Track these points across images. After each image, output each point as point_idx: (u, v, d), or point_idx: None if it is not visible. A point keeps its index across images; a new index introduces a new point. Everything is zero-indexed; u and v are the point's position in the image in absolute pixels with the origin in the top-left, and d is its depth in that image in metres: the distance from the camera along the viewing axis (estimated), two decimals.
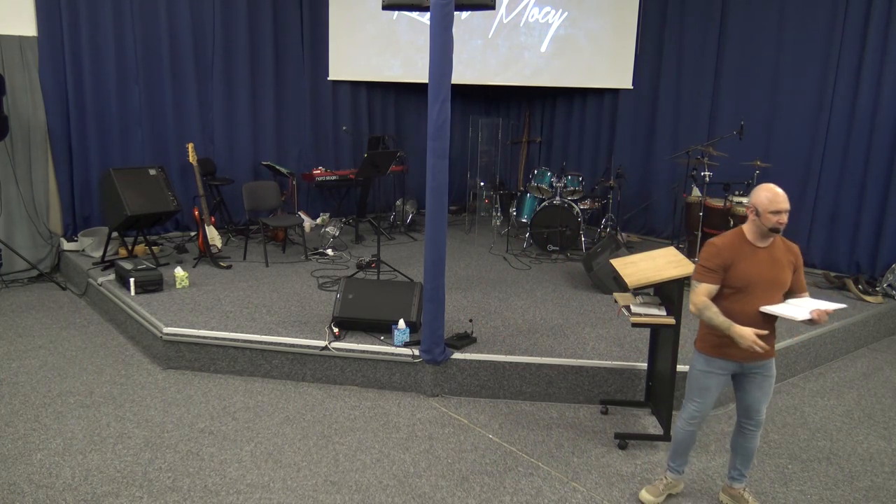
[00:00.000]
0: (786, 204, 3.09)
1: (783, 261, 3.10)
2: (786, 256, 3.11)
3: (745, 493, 3.34)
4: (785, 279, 3.10)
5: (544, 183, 7.38)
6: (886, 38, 6.21)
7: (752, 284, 3.06)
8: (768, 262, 3.08)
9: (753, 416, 3.20)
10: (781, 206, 3.06)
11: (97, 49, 6.81)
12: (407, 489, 3.41)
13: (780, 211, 3.06)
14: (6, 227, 6.52)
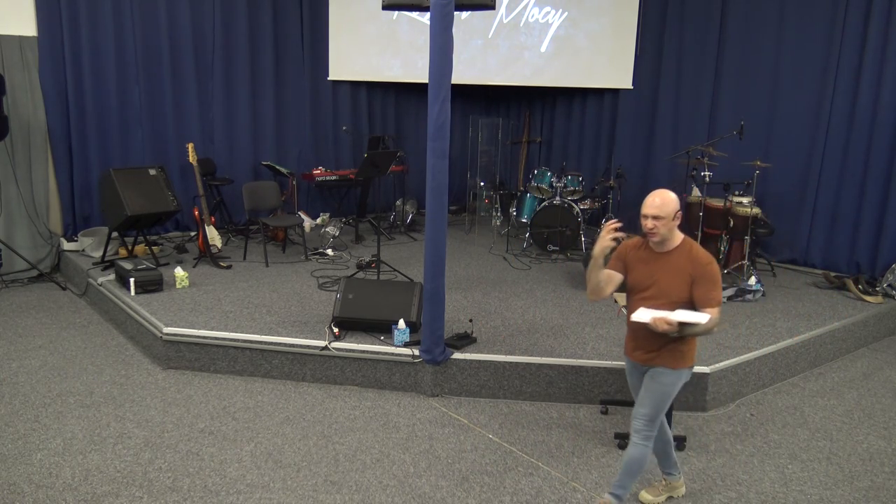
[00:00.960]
0: (651, 209, 2.92)
1: (681, 270, 2.94)
2: (686, 267, 2.94)
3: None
4: (675, 289, 2.95)
5: (544, 183, 7.38)
6: (886, 38, 6.21)
7: (640, 288, 3.05)
8: (661, 269, 2.99)
9: (633, 419, 3.09)
10: (645, 210, 2.95)
11: (97, 49, 6.81)
12: (407, 489, 3.41)
13: (645, 216, 2.95)
14: (6, 227, 6.52)
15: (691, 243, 3.00)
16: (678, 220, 2.96)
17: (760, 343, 4.77)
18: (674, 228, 2.97)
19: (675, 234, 2.99)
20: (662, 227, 2.92)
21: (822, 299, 5.92)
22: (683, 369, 3.05)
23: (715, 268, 2.92)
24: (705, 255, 2.95)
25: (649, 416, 3.04)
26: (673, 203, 2.93)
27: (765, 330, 5.05)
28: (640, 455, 3.04)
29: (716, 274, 2.91)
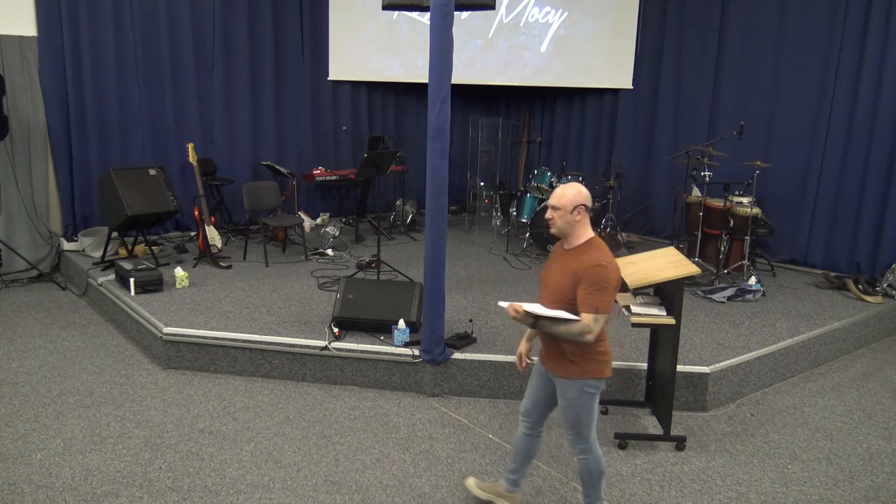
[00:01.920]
0: (552, 199, 2.86)
1: (569, 269, 2.83)
2: (574, 265, 2.81)
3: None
4: (559, 287, 2.85)
5: (544, 183, 7.38)
6: (886, 38, 6.21)
7: (540, 284, 3.03)
8: (558, 267, 2.91)
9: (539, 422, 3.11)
10: (549, 201, 2.89)
11: (97, 49, 6.81)
12: (407, 489, 3.41)
13: (548, 206, 2.90)
14: (6, 227, 6.52)
15: (594, 244, 2.84)
16: (580, 215, 2.83)
17: (760, 343, 4.77)
18: (574, 224, 2.84)
19: (578, 232, 2.85)
20: (559, 218, 2.84)
21: (822, 299, 5.92)
22: (582, 379, 2.88)
23: (602, 272, 2.72)
24: (599, 257, 2.77)
25: (573, 436, 2.99)
26: (572, 196, 2.82)
27: (765, 330, 5.05)
28: (585, 468, 3.01)
29: (600, 278, 2.72)
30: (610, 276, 2.74)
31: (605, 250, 2.83)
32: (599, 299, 2.72)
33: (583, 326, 2.73)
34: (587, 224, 2.87)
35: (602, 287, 2.72)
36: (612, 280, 2.75)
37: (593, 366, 2.88)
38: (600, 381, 2.92)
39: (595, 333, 2.74)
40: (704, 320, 5.24)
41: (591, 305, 2.72)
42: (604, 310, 2.73)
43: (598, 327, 2.75)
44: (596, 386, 2.91)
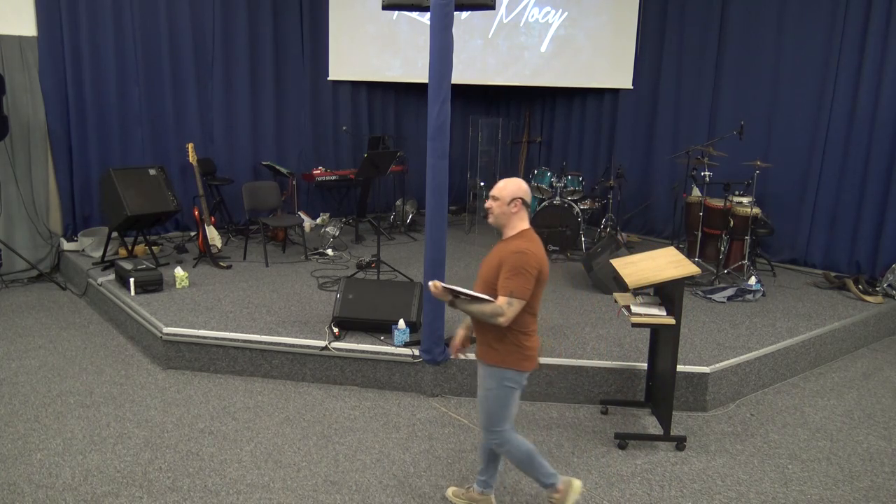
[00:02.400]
0: (493, 190, 2.97)
1: (496, 256, 2.91)
2: (501, 253, 2.89)
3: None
4: (487, 273, 2.92)
5: (544, 183, 7.38)
6: (886, 38, 6.21)
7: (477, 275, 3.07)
8: (492, 255, 2.97)
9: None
10: (490, 192, 2.98)
11: (97, 49, 6.81)
12: (407, 489, 3.41)
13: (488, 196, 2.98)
14: (6, 227, 6.52)
15: (524, 235, 2.90)
16: (516, 208, 2.91)
17: (760, 343, 4.77)
18: (510, 216, 2.92)
19: (513, 223, 2.93)
20: (496, 208, 2.92)
21: (822, 299, 5.92)
22: (505, 370, 2.90)
23: (522, 258, 2.78)
24: (523, 245, 2.83)
25: (485, 425, 3.01)
26: (511, 189, 2.91)
27: (765, 330, 5.05)
28: (512, 458, 3.05)
29: (518, 264, 2.78)
30: (529, 263, 2.78)
31: (533, 241, 2.88)
32: (515, 284, 2.77)
33: (495, 308, 2.78)
34: (523, 217, 2.95)
35: (519, 272, 2.77)
36: (530, 266, 2.79)
37: (514, 357, 2.91)
38: (521, 374, 2.94)
39: (508, 317, 2.78)
40: (704, 320, 5.24)
41: (507, 289, 2.78)
42: (519, 294, 2.78)
43: (512, 312, 2.78)
44: (515, 380, 2.94)
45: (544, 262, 2.86)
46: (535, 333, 2.98)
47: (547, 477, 3.08)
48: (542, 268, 2.84)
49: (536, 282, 2.84)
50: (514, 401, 2.99)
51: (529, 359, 2.94)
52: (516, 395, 2.98)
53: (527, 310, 2.86)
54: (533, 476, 3.10)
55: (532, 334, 2.94)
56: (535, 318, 2.96)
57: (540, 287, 2.88)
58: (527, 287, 2.79)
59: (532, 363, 2.96)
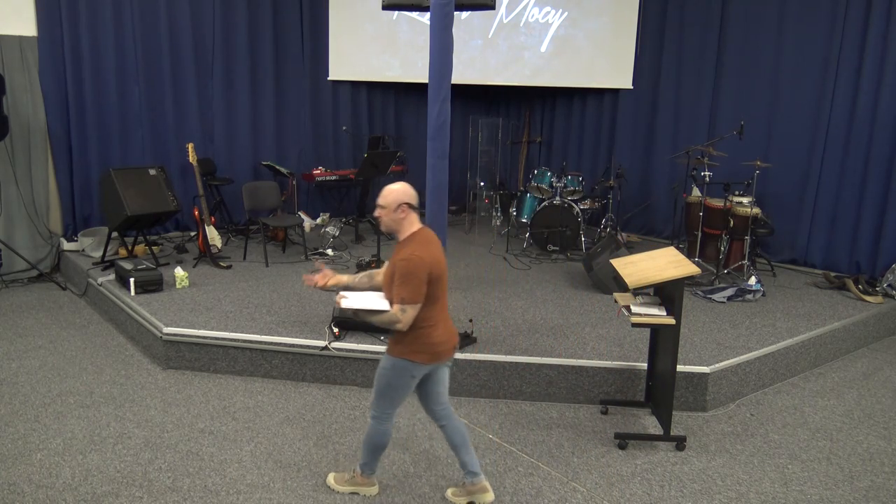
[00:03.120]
0: (379, 198, 3.04)
1: (393, 263, 3.02)
2: (393, 259, 3.03)
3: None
4: (387, 280, 3.05)
5: (544, 183, 7.38)
6: (886, 38, 6.21)
7: None
8: (390, 260, 3.10)
9: None
10: (377, 201, 3.06)
11: (97, 49, 6.81)
12: (407, 489, 3.41)
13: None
14: (6, 227, 6.52)
15: (414, 238, 2.99)
16: (403, 213, 2.99)
17: (760, 343, 4.77)
18: (399, 221, 3.01)
19: (403, 228, 3.02)
20: (385, 216, 3.01)
21: (822, 299, 5.92)
22: (398, 358, 3.04)
23: (408, 265, 2.87)
24: (408, 251, 2.92)
25: (373, 399, 3.15)
26: (396, 195, 2.99)
27: (765, 330, 5.05)
28: (372, 432, 3.19)
29: (405, 271, 2.88)
30: (416, 268, 2.88)
31: (421, 244, 2.96)
32: (405, 291, 2.88)
33: (391, 316, 2.92)
34: (413, 220, 3.04)
35: (407, 279, 2.88)
36: (418, 271, 2.88)
37: (411, 348, 3.02)
38: (415, 365, 3.04)
39: (405, 323, 2.91)
40: (704, 320, 5.24)
41: (399, 296, 2.90)
42: (410, 300, 2.89)
43: (407, 318, 2.91)
44: (409, 369, 3.04)
45: (435, 261, 2.95)
46: (442, 324, 3.07)
47: (371, 466, 3.30)
48: (431, 268, 2.92)
49: (430, 281, 2.93)
50: (403, 390, 3.11)
51: (426, 353, 3.04)
52: (406, 386, 3.09)
53: (426, 306, 2.97)
54: (364, 454, 3.27)
55: (436, 325, 3.03)
56: (440, 311, 3.06)
57: (437, 284, 2.97)
58: (417, 291, 2.90)
59: (431, 357, 3.05)
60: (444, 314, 3.11)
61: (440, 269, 2.98)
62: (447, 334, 3.10)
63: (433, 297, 2.98)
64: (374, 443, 3.23)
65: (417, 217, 3.05)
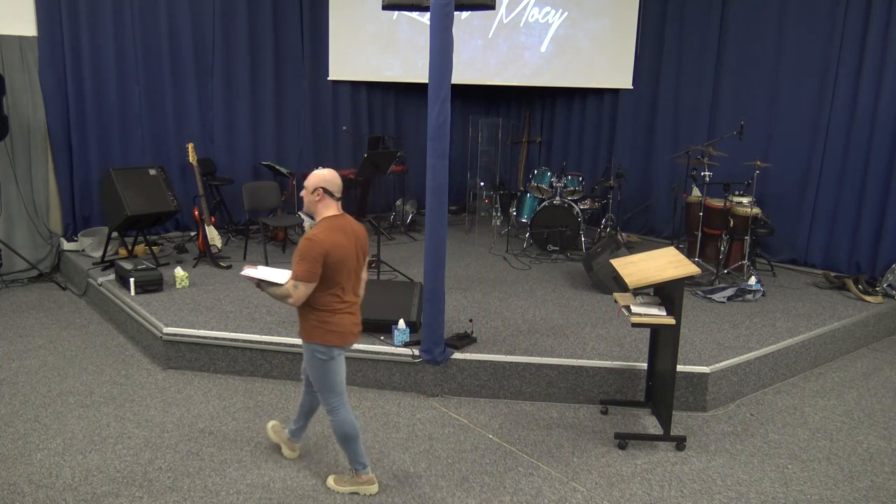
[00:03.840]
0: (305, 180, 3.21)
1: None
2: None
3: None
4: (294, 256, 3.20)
5: (544, 183, 7.38)
6: (886, 38, 6.21)
7: None
8: None
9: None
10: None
11: (97, 49, 6.81)
12: (407, 489, 3.41)
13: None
14: (6, 227, 6.52)
15: (322, 223, 3.13)
16: (319, 196, 3.13)
17: (760, 343, 4.77)
18: (315, 204, 3.15)
19: (319, 211, 3.16)
20: (305, 196, 3.16)
21: (822, 299, 5.92)
22: (316, 345, 3.16)
23: (306, 245, 3.02)
24: (312, 233, 3.07)
25: (320, 395, 3.28)
26: (315, 180, 3.14)
27: (765, 330, 5.05)
28: (335, 427, 3.30)
29: (302, 250, 3.02)
30: (313, 249, 3.01)
31: (327, 228, 3.09)
32: (300, 269, 3.02)
33: (284, 290, 3.07)
34: (328, 205, 3.16)
35: (303, 258, 3.01)
36: (314, 252, 3.01)
37: (318, 333, 3.15)
38: (328, 348, 3.17)
39: (296, 298, 3.05)
40: (704, 320, 5.24)
41: (294, 273, 3.05)
42: (302, 278, 3.02)
43: (298, 294, 3.04)
44: (323, 352, 3.17)
45: (335, 246, 3.06)
46: (345, 312, 3.20)
47: (358, 460, 3.36)
48: (329, 252, 3.03)
49: (327, 265, 3.05)
50: (334, 371, 3.22)
51: (334, 334, 3.16)
52: (332, 367, 3.21)
53: (325, 290, 3.10)
54: (348, 454, 3.37)
55: (337, 313, 3.16)
56: (342, 298, 3.17)
57: (336, 269, 3.09)
58: (310, 271, 3.01)
59: (338, 338, 3.18)
60: (349, 302, 3.23)
61: (339, 254, 3.08)
62: (350, 321, 3.24)
63: (331, 282, 3.09)
64: (343, 435, 3.30)
65: (335, 204, 3.17)
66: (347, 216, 3.23)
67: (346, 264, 3.12)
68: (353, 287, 3.25)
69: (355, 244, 3.19)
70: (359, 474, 3.36)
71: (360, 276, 3.30)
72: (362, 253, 3.27)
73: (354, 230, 3.20)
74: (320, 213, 3.17)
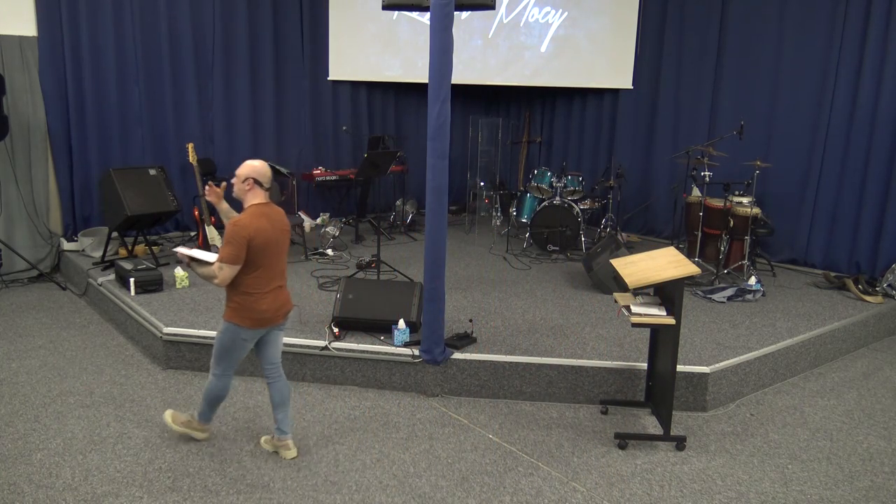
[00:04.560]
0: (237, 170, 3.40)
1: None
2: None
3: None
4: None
5: (544, 183, 7.38)
6: (886, 38, 6.21)
7: None
8: None
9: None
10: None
11: (97, 49, 6.81)
12: (407, 489, 3.41)
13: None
14: (6, 227, 6.52)
15: (250, 210, 3.32)
16: (249, 186, 3.33)
17: (760, 343, 4.77)
18: (245, 192, 3.35)
19: (248, 199, 3.36)
20: (235, 185, 3.37)
21: (822, 299, 5.92)
22: (228, 322, 3.39)
23: (232, 229, 3.22)
24: (239, 219, 3.28)
25: (213, 359, 3.51)
26: (245, 170, 3.34)
27: (765, 330, 5.05)
28: (212, 387, 3.54)
29: (230, 233, 3.22)
30: (238, 233, 3.22)
31: (253, 214, 3.30)
32: (225, 251, 3.24)
33: (209, 271, 3.29)
34: (257, 194, 3.36)
35: (228, 241, 3.22)
36: (238, 236, 3.22)
37: (237, 315, 3.38)
38: (242, 329, 3.39)
39: (221, 279, 3.26)
40: (704, 320, 5.24)
41: (220, 255, 3.26)
42: (227, 260, 3.23)
43: (224, 275, 3.25)
44: (237, 333, 3.40)
45: (259, 231, 3.26)
46: (271, 294, 3.40)
47: (208, 416, 3.68)
48: (253, 236, 3.24)
49: (252, 248, 3.25)
50: (239, 349, 3.47)
51: (252, 319, 3.38)
52: (239, 345, 3.44)
53: (249, 273, 3.30)
54: (203, 404, 3.63)
55: (261, 296, 3.36)
56: (268, 282, 3.37)
57: (260, 253, 3.28)
58: (235, 254, 3.22)
59: (254, 322, 3.39)
60: (275, 284, 3.42)
61: (263, 239, 3.27)
62: (276, 303, 3.43)
63: (255, 265, 3.30)
64: (213, 396, 3.57)
65: (263, 193, 3.38)
66: (273, 205, 3.44)
67: (269, 249, 3.32)
68: (281, 271, 3.46)
69: (279, 231, 3.39)
70: (200, 423, 3.70)
71: (284, 262, 3.50)
72: (285, 240, 3.46)
73: (279, 218, 3.41)
74: (248, 200, 3.36)
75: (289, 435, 3.64)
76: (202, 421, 3.70)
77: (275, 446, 3.67)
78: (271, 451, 3.69)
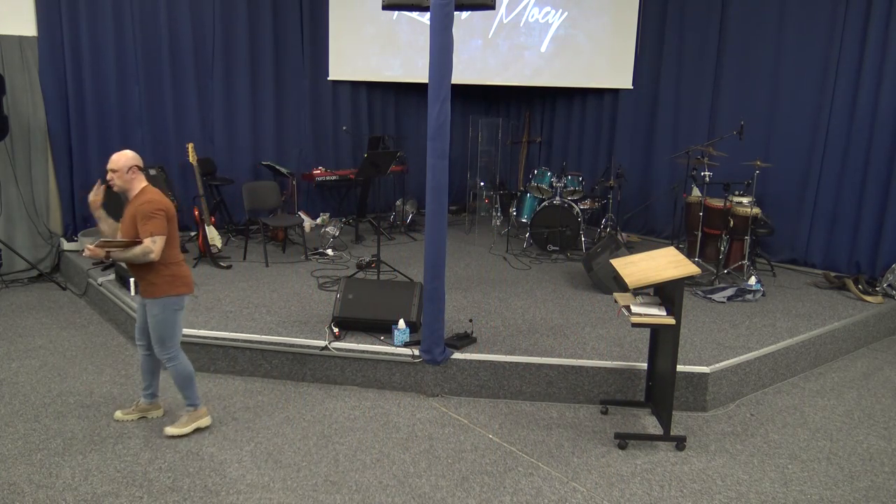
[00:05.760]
0: (110, 164, 3.62)
1: (131, 214, 3.59)
2: (133, 210, 3.58)
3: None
4: (128, 228, 3.59)
5: (544, 183, 7.38)
6: (886, 38, 6.21)
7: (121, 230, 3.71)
8: (125, 217, 3.65)
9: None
10: (108, 167, 3.64)
11: (97, 49, 6.81)
12: (407, 489, 3.41)
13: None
14: (6, 227, 6.52)
15: (144, 192, 3.59)
16: (134, 174, 3.59)
17: (760, 343, 4.77)
18: (130, 180, 3.60)
19: (135, 186, 3.61)
20: (118, 178, 3.60)
21: (822, 299, 5.92)
22: (165, 297, 3.61)
23: (149, 206, 3.49)
24: (146, 197, 3.55)
25: (159, 349, 3.69)
26: (125, 160, 3.58)
27: (765, 330, 5.05)
28: (175, 373, 3.75)
29: (148, 210, 3.48)
30: (156, 208, 3.50)
31: (153, 192, 3.61)
32: (152, 225, 3.49)
33: (144, 248, 3.47)
34: (141, 179, 3.64)
35: (151, 216, 3.49)
36: (157, 210, 3.51)
37: (171, 286, 3.62)
38: (180, 298, 3.68)
39: (157, 252, 3.50)
40: (704, 320, 5.24)
41: (147, 231, 3.49)
42: (158, 232, 3.50)
43: (157, 247, 3.50)
44: (177, 304, 3.67)
45: (168, 204, 3.60)
46: (183, 263, 3.73)
47: (195, 398, 3.85)
48: (167, 208, 3.56)
49: (168, 220, 3.55)
50: (179, 323, 3.72)
51: (184, 285, 3.69)
52: (180, 318, 3.71)
53: (170, 245, 3.59)
54: (184, 394, 3.82)
55: (181, 264, 3.70)
56: (178, 251, 3.71)
57: (171, 225, 3.59)
58: (161, 225, 3.51)
59: (187, 288, 3.71)
60: (182, 255, 3.75)
61: (171, 212, 3.60)
62: (188, 272, 3.76)
63: (171, 236, 3.59)
64: (183, 378, 3.76)
65: (143, 175, 3.65)
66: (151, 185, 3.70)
67: (173, 221, 3.62)
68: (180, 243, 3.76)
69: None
70: (197, 410, 3.84)
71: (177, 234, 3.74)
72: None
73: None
74: (136, 187, 3.61)
75: (157, 398, 4.01)
76: (196, 406, 3.86)
77: (141, 412, 3.95)
78: (137, 417, 3.95)
